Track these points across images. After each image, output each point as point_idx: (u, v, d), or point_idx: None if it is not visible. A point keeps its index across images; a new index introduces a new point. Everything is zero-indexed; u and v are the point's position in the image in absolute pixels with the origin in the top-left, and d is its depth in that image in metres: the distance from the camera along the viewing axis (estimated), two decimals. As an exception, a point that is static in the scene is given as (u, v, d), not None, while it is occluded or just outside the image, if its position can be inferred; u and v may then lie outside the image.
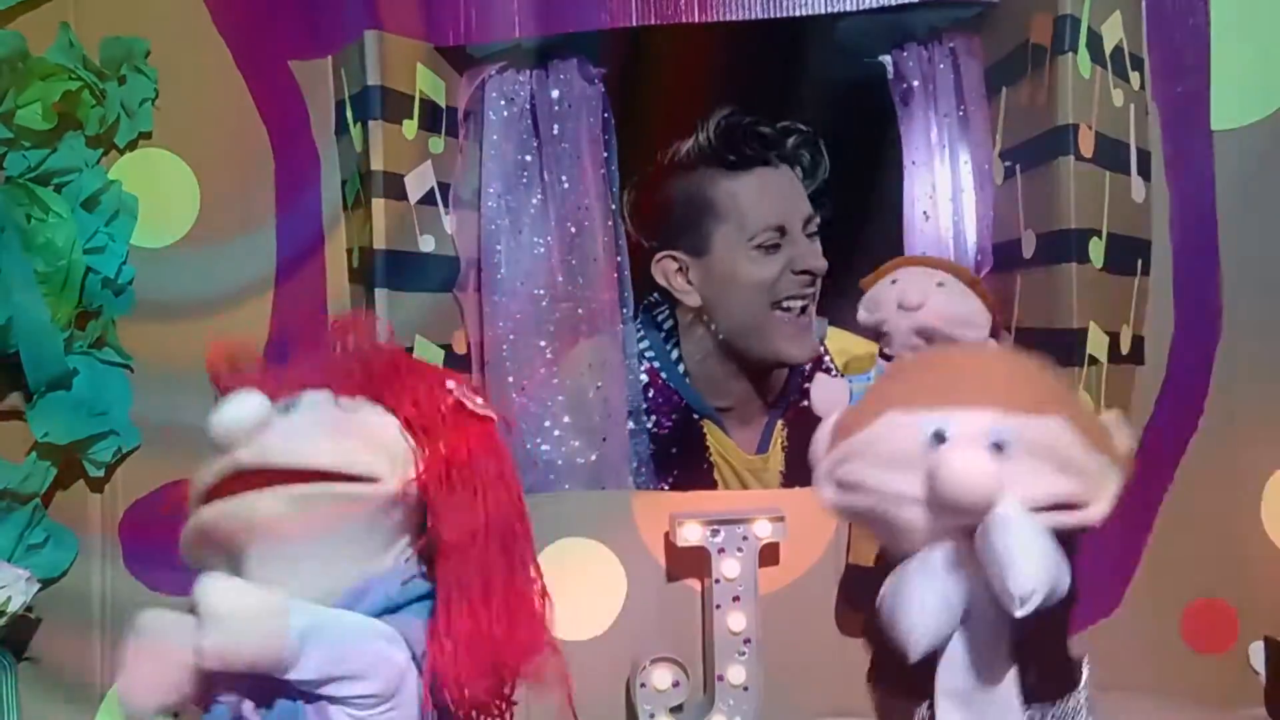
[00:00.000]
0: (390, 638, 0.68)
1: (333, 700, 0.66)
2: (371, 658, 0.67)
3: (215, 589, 0.63)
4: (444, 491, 0.70)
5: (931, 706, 0.69)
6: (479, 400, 0.75)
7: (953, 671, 0.67)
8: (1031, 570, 0.61)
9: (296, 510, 0.67)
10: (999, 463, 0.64)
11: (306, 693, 0.65)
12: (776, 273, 1.36)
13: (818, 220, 1.39)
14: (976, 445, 0.64)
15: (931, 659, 0.67)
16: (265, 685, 0.65)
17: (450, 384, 0.74)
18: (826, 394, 1.15)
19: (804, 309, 1.38)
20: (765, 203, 1.37)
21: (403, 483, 0.69)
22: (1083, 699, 0.71)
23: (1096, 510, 0.67)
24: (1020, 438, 0.65)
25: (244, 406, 0.68)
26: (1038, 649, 0.68)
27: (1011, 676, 0.67)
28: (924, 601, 0.65)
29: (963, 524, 0.65)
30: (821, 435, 0.73)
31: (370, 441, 0.69)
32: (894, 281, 1.14)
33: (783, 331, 1.38)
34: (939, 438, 0.65)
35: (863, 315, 1.16)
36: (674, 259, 1.41)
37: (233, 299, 1.24)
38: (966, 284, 1.13)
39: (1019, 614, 0.61)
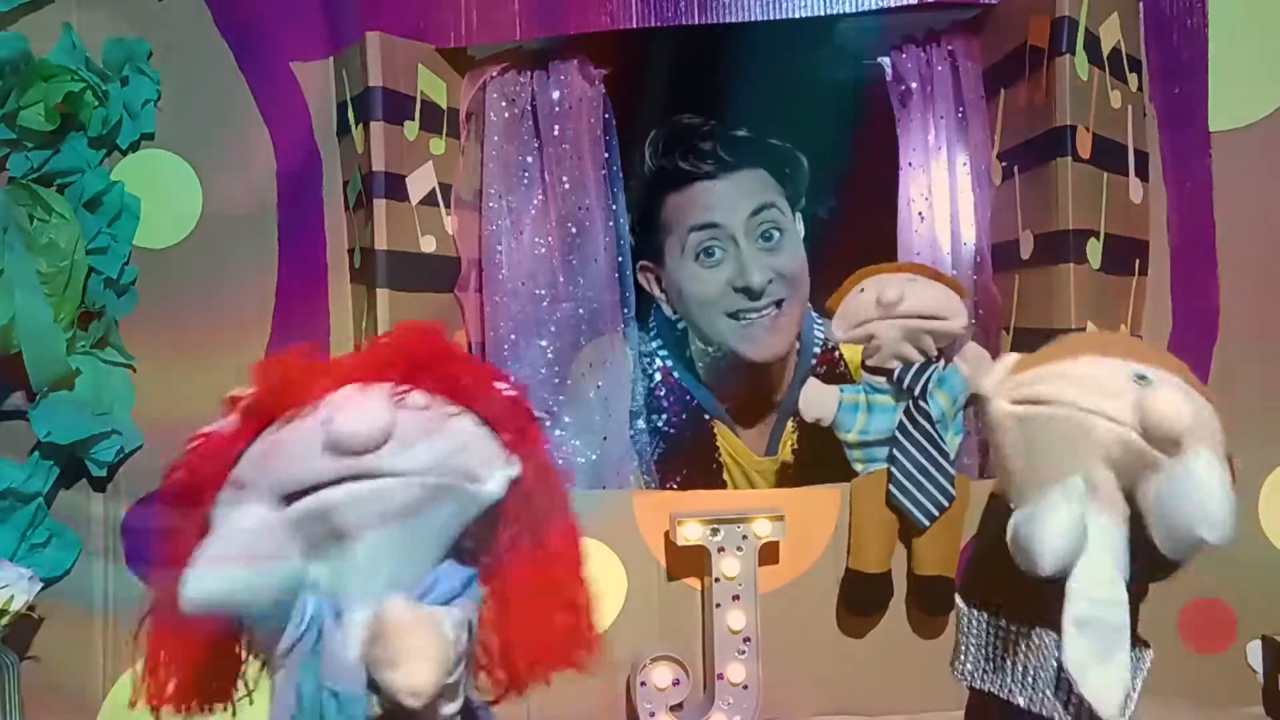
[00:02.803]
0: (459, 623, 0.67)
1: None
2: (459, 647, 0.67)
3: (405, 627, 0.62)
4: (530, 498, 0.70)
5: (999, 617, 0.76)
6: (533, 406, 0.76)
7: (1080, 602, 0.70)
8: (1230, 511, 0.66)
9: (427, 500, 0.66)
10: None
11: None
12: (718, 289, 1.34)
13: (771, 226, 1.35)
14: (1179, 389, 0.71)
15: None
16: None
17: (503, 386, 0.73)
18: (814, 400, 1.15)
19: (762, 316, 1.35)
20: (698, 213, 1.35)
21: (502, 488, 0.69)
22: (1149, 661, 0.76)
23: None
24: (1199, 397, 0.73)
25: (375, 415, 0.65)
26: (1135, 598, 0.72)
27: (1128, 614, 0.70)
28: (1063, 523, 0.68)
29: (1141, 455, 0.69)
30: (997, 368, 0.77)
31: (474, 449, 0.69)
32: (862, 290, 1.14)
33: (739, 334, 1.36)
34: (1142, 379, 0.71)
35: (839, 333, 1.16)
36: (648, 268, 1.43)
37: (234, 299, 1.25)
38: (930, 278, 1.14)
39: (1214, 541, 0.66)
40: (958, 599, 0.82)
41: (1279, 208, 1.20)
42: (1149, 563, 0.72)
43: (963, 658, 0.80)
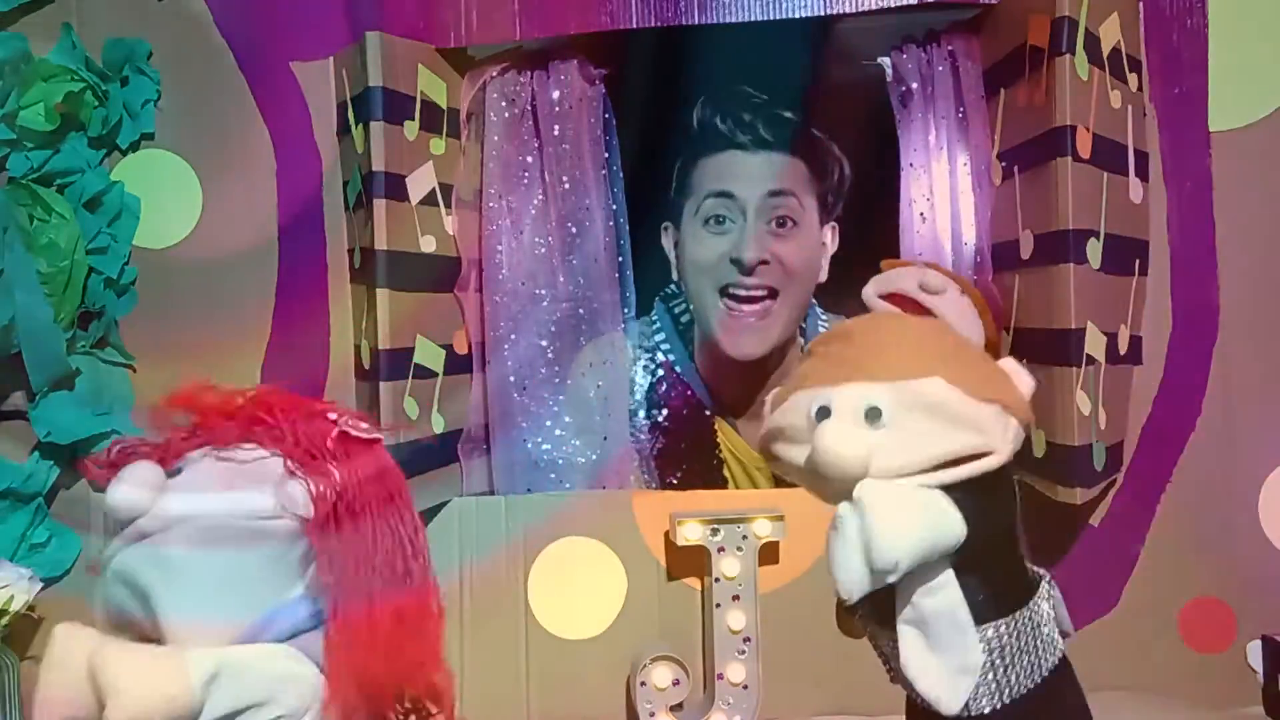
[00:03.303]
0: (293, 655, 0.70)
1: None
2: (275, 679, 0.68)
3: (113, 660, 0.65)
4: (333, 524, 0.71)
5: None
6: (364, 425, 0.76)
7: (904, 602, 0.72)
8: (889, 544, 0.67)
9: (203, 546, 0.69)
10: (876, 431, 0.69)
11: None
12: (716, 256, 1.36)
13: (786, 213, 1.35)
14: (849, 418, 0.70)
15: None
16: None
17: (332, 415, 0.75)
18: None
19: (751, 300, 1.35)
20: (719, 180, 1.36)
21: (300, 519, 0.70)
22: (1044, 608, 0.75)
23: (996, 457, 0.71)
24: (898, 403, 0.70)
25: (138, 476, 0.71)
26: (981, 569, 0.72)
27: (957, 599, 0.71)
28: (838, 558, 0.71)
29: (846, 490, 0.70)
30: (766, 407, 0.79)
31: (261, 485, 0.71)
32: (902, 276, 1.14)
33: (725, 323, 1.37)
34: (823, 413, 0.71)
35: (869, 292, 1.15)
36: (669, 229, 1.45)
37: (234, 299, 1.25)
38: (978, 308, 1.15)
39: (891, 580, 0.68)
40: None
41: (1279, 208, 1.20)
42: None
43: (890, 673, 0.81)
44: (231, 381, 0.74)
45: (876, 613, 0.75)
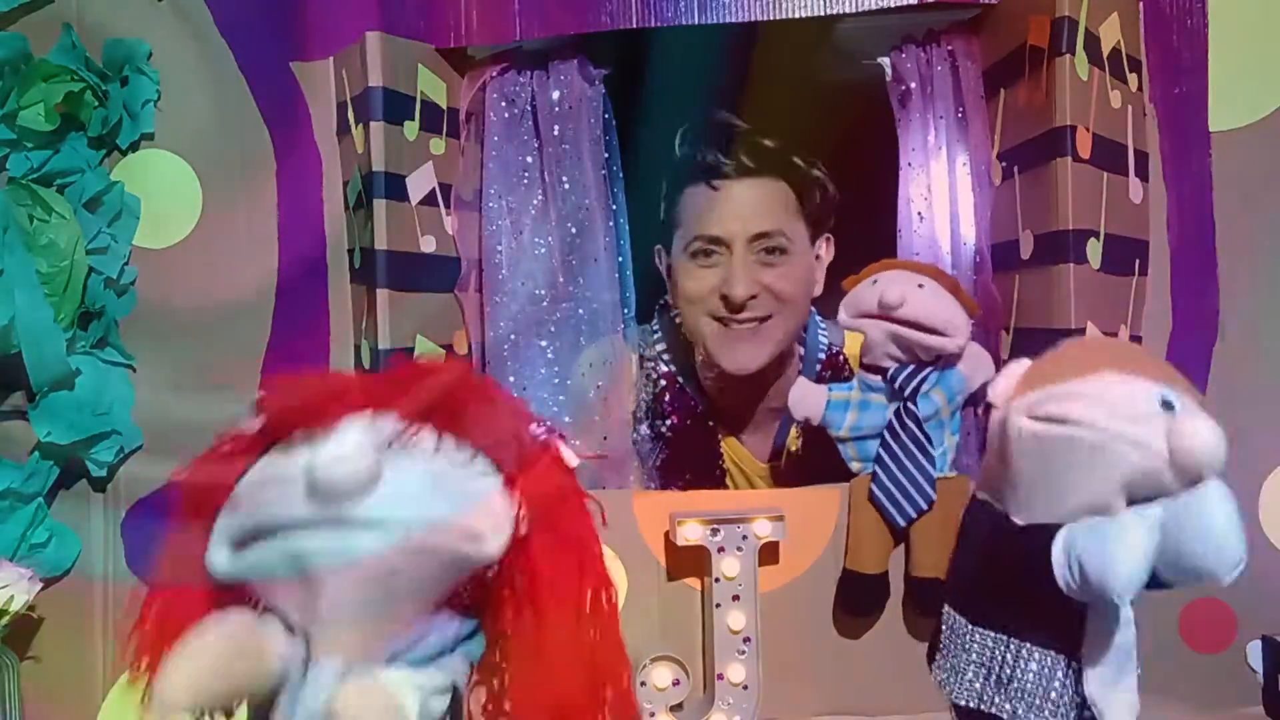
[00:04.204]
0: (448, 690, 0.65)
1: None
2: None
3: (353, 699, 0.59)
4: (528, 575, 0.66)
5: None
6: (571, 453, 0.71)
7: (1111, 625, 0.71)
8: (1240, 550, 0.67)
9: (402, 558, 0.61)
10: None
11: None
12: (705, 290, 1.32)
13: (774, 243, 1.32)
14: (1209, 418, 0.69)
15: None
16: None
17: (538, 430, 0.70)
18: (802, 399, 1.15)
19: (743, 324, 1.32)
20: (707, 214, 1.32)
21: (502, 548, 0.65)
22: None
23: None
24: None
25: (358, 456, 0.60)
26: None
27: (1134, 635, 0.72)
28: (1141, 551, 0.67)
29: (1160, 485, 0.69)
30: (1009, 376, 0.77)
31: (477, 504, 0.64)
32: (874, 283, 1.13)
33: (719, 340, 1.33)
34: (1168, 405, 0.70)
35: (843, 317, 1.16)
36: (661, 254, 1.43)
37: (235, 300, 1.25)
38: (947, 288, 1.13)
39: (1227, 582, 0.68)
40: (951, 612, 0.82)
41: (1279, 208, 1.20)
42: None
43: (959, 675, 0.79)
44: (232, 381, 0.73)
45: (1021, 625, 0.74)
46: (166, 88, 1.25)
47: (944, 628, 0.82)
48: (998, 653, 0.77)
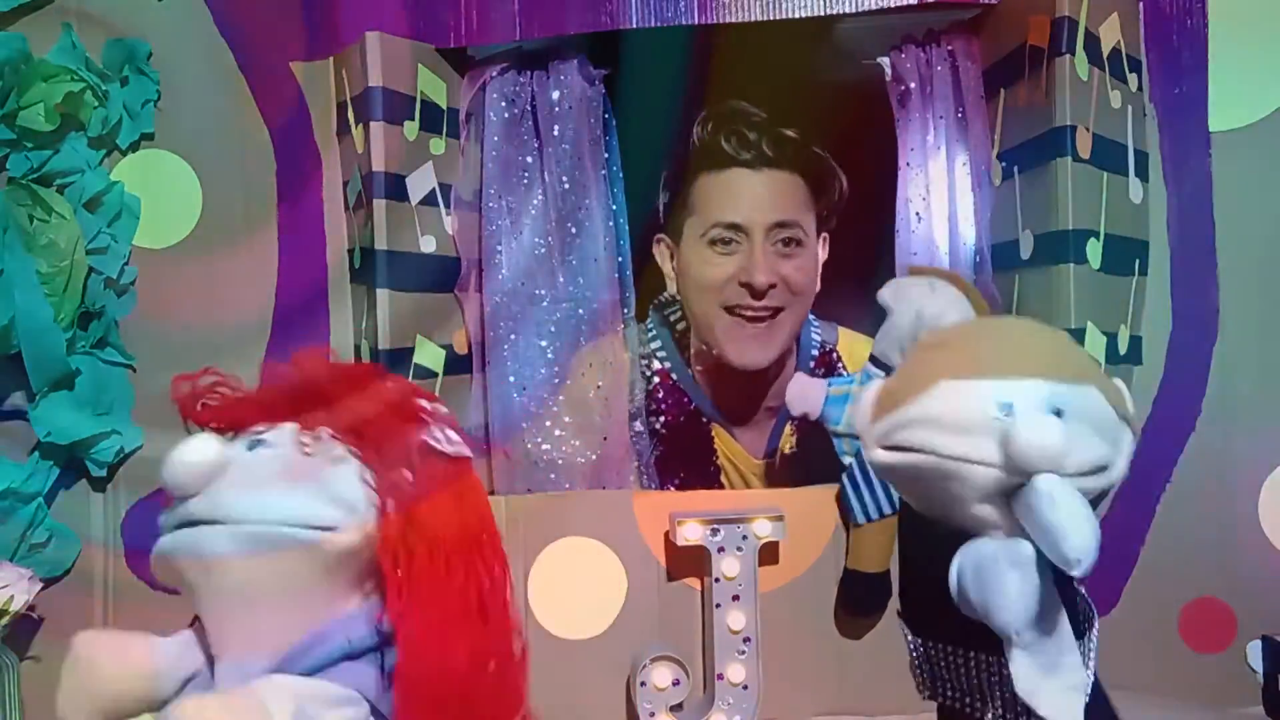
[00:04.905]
0: (350, 700, 0.65)
1: None
2: None
3: (190, 713, 0.59)
4: (404, 554, 0.66)
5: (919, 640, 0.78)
6: (453, 437, 0.71)
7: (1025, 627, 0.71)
8: (1085, 534, 0.66)
9: (246, 550, 0.63)
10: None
11: None
12: (724, 278, 1.33)
13: (791, 234, 1.33)
14: (1044, 413, 0.69)
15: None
16: None
17: (426, 412, 0.71)
18: (802, 393, 1.15)
19: (757, 319, 1.34)
20: (727, 201, 1.34)
21: (361, 533, 0.66)
22: (1094, 635, 0.77)
23: (1118, 471, 0.72)
24: (1071, 405, 0.71)
25: (196, 453, 0.65)
26: (1072, 585, 0.74)
27: (1065, 620, 0.72)
28: (1023, 591, 0.68)
29: (1011, 485, 0.69)
30: (865, 403, 0.76)
31: (327, 491, 0.66)
32: (933, 289, 1.09)
33: (730, 333, 1.34)
34: (1006, 408, 0.70)
35: (884, 295, 1.12)
36: (664, 242, 1.43)
37: (234, 300, 1.25)
38: (959, 287, 1.12)
39: (1077, 574, 0.66)
40: (900, 622, 0.83)
41: (1279, 208, 1.20)
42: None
43: (919, 682, 0.81)
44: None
45: (958, 633, 0.74)
46: (166, 88, 1.25)
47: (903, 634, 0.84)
48: (934, 658, 0.80)
